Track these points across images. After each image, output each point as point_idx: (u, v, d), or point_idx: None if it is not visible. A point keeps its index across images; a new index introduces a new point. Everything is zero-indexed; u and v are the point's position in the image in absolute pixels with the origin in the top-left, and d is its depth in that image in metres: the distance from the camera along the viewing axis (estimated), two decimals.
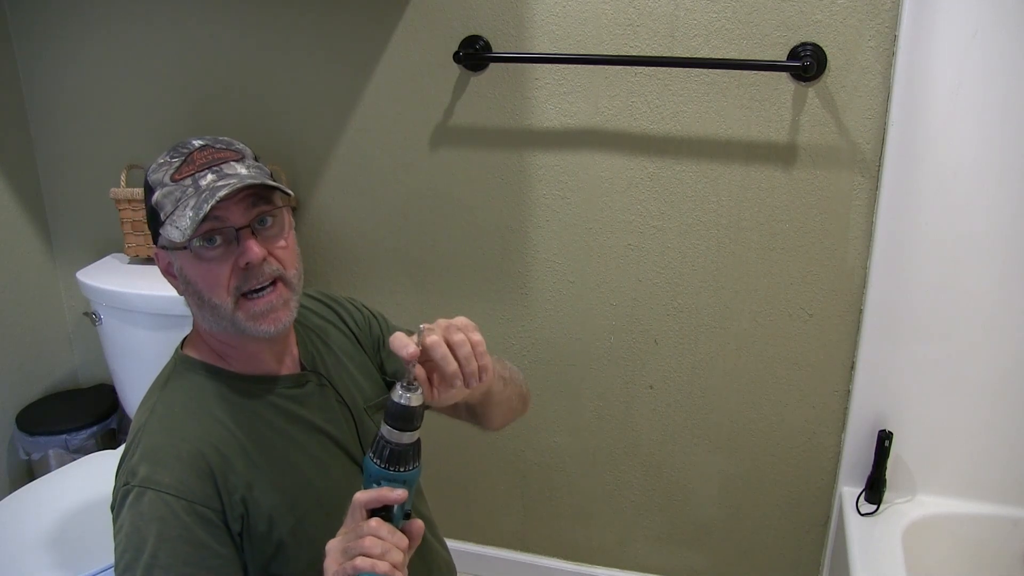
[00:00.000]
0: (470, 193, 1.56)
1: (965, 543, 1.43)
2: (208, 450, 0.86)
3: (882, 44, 1.29)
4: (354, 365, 1.06)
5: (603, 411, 1.64)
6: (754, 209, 1.43)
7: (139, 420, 0.90)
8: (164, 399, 0.91)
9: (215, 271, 0.86)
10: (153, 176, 0.88)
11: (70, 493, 1.50)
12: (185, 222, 0.83)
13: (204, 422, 0.89)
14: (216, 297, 0.87)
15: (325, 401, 0.99)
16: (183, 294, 0.93)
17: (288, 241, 0.92)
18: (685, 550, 1.70)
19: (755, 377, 1.53)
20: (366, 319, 1.13)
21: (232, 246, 0.86)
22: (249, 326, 0.88)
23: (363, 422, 1.02)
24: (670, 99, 1.41)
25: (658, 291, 1.53)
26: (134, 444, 0.87)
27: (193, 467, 0.84)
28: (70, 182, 1.81)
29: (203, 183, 0.85)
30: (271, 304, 0.88)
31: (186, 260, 0.87)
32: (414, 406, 0.75)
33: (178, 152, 0.89)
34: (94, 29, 1.65)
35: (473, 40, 1.45)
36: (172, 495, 0.82)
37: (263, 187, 0.87)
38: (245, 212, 0.86)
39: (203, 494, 0.84)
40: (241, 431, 0.90)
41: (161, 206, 0.86)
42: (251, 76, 1.60)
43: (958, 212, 1.31)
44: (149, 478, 0.83)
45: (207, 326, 0.92)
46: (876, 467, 1.43)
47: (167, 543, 0.80)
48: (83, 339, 1.94)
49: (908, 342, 1.39)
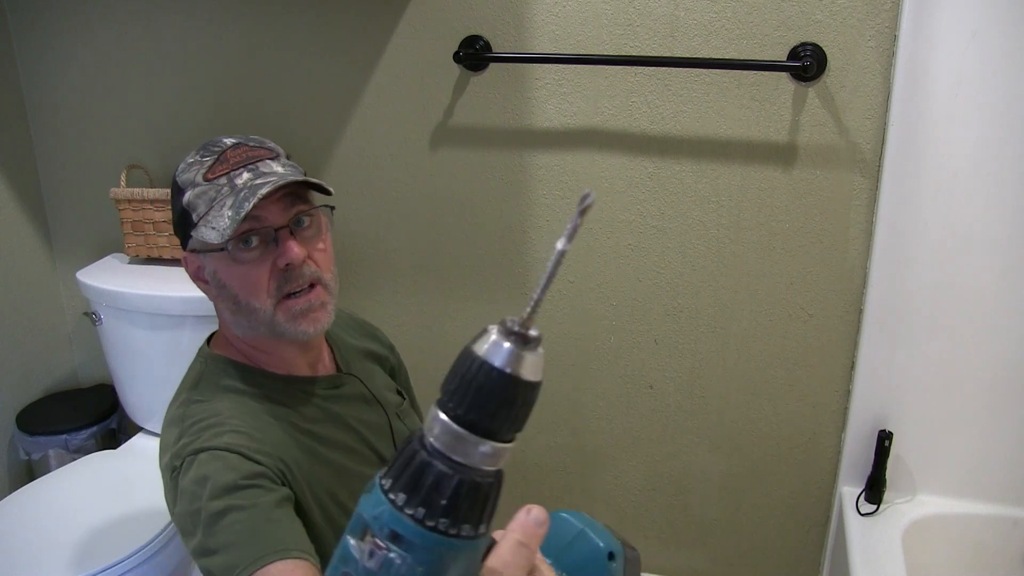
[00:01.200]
0: (470, 193, 1.56)
1: (965, 543, 1.43)
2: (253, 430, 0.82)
3: (882, 44, 1.29)
4: (379, 373, 1.05)
5: (603, 411, 1.64)
6: (754, 209, 1.43)
7: (174, 418, 0.86)
8: (199, 395, 0.87)
9: (253, 273, 0.83)
10: (183, 176, 0.84)
11: (70, 493, 1.50)
12: (223, 222, 0.79)
13: (245, 417, 0.85)
14: (255, 300, 0.83)
15: (361, 402, 0.97)
16: (215, 299, 0.88)
17: (326, 243, 0.88)
18: (685, 550, 1.70)
19: (755, 377, 1.53)
20: (386, 343, 1.13)
21: (270, 247, 0.83)
22: (288, 328, 0.84)
23: (395, 423, 1.01)
24: (670, 99, 1.41)
25: (658, 291, 1.53)
26: (176, 437, 0.83)
27: (243, 435, 0.81)
28: (70, 182, 1.81)
29: (239, 181, 0.82)
30: (310, 304, 0.85)
31: (220, 263, 0.84)
32: (530, 379, 0.38)
33: (209, 151, 0.85)
34: (94, 29, 1.65)
35: (473, 40, 1.45)
36: (224, 450, 0.79)
37: (304, 185, 0.84)
38: (284, 212, 0.83)
39: (253, 452, 0.80)
40: (280, 426, 0.86)
41: (193, 206, 0.82)
42: (251, 76, 1.60)
43: (958, 212, 1.31)
44: (199, 447, 0.79)
45: (241, 332, 0.88)
46: (876, 467, 1.43)
47: (221, 490, 0.76)
48: (83, 339, 1.94)
49: (908, 342, 1.39)
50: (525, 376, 0.37)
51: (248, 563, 0.71)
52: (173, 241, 1.61)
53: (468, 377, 0.37)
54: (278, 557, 0.72)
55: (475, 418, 0.36)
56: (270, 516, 0.76)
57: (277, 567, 0.71)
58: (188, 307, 1.50)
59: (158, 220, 1.61)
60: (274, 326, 0.84)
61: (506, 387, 0.36)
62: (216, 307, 0.90)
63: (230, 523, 0.74)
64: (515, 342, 0.37)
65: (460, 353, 0.38)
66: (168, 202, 1.55)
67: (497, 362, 0.37)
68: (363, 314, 1.73)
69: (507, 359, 0.37)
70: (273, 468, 0.80)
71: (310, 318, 0.85)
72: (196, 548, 0.77)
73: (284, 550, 0.73)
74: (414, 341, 1.69)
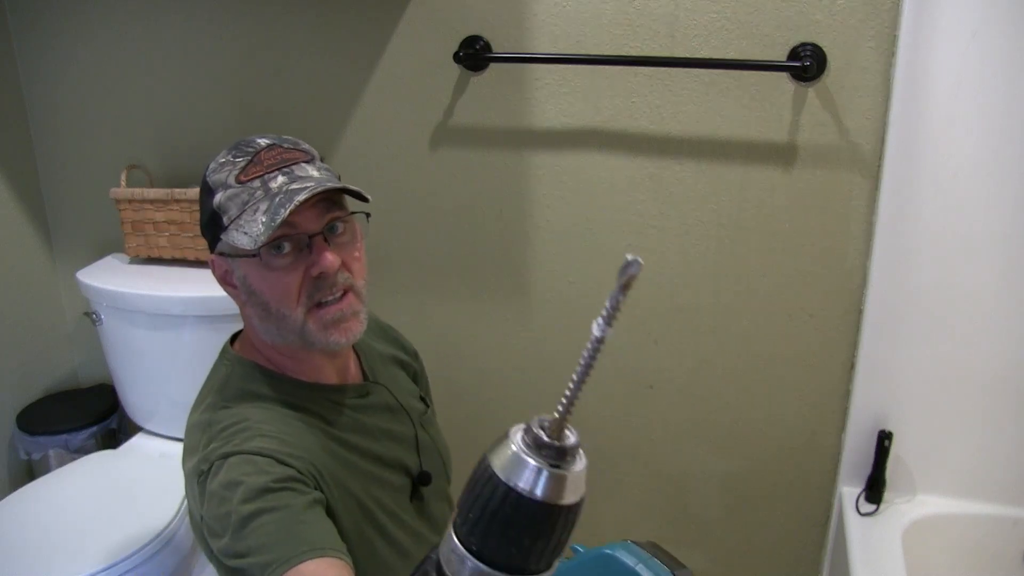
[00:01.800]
0: (470, 193, 1.56)
1: (965, 543, 1.43)
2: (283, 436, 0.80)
3: (882, 44, 1.29)
4: (404, 380, 1.05)
5: (603, 411, 1.64)
6: (754, 209, 1.43)
7: (200, 423, 0.84)
8: (224, 401, 0.84)
9: (285, 280, 0.80)
10: (215, 176, 0.81)
11: (70, 493, 1.50)
12: (257, 228, 0.77)
13: (275, 423, 0.82)
14: (286, 308, 0.81)
15: (387, 411, 0.96)
16: (243, 305, 0.86)
17: (360, 251, 0.86)
18: (685, 550, 1.70)
19: (755, 377, 1.53)
20: (412, 351, 1.12)
21: (303, 253, 0.80)
22: (320, 338, 0.82)
23: (420, 433, 1.00)
24: (670, 99, 1.41)
25: (658, 291, 1.53)
26: (204, 443, 0.81)
27: (273, 440, 0.79)
28: (70, 182, 1.81)
29: (273, 185, 0.79)
30: (342, 312, 0.83)
31: (251, 268, 0.81)
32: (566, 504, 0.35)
33: (242, 151, 0.82)
34: (94, 29, 1.65)
35: (473, 40, 1.45)
36: (254, 453, 0.76)
37: (339, 191, 0.81)
38: (318, 218, 0.81)
39: (284, 456, 0.78)
40: (310, 434, 0.84)
41: (224, 209, 0.80)
42: (251, 76, 1.60)
43: (958, 212, 1.31)
44: (229, 451, 0.77)
45: (269, 339, 0.85)
46: (876, 467, 1.43)
47: (253, 494, 0.74)
48: (83, 339, 1.94)
49: (908, 342, 1.39)
50: (564, 501, 0.29)
51: (282, 562, 0.70)
52: (173, 241, 1.61)
53: (491, 507, 0.29)
54: (312, 556, 0.71)
55: (503, 558, 0.29)
56: (302, 517, 0.74)
57: (310, 566, 0.70)
58: (188, 307, 1.50)
59: (158, 220, 1.61)
60: (304, 335, 0.82)
61: (540, 519, 0.28)
62: (243, 312, 0.88)
63: (261, 524, 0.73)
64: (548, 456, 0.30)
65: (478, 465, 0.29)
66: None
67: (525, 487, 0.29)
68: None
69: (539, 483, 0.29)
70: (304, 471, 0.79)
71: (342, 328, 0.83)
72: (224, 549, 0.75)
73: (318, 548, 0.72)
74: (414, 341, 1.69)
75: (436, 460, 1.03)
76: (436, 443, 1.05)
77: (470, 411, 1.69)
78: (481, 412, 1.70)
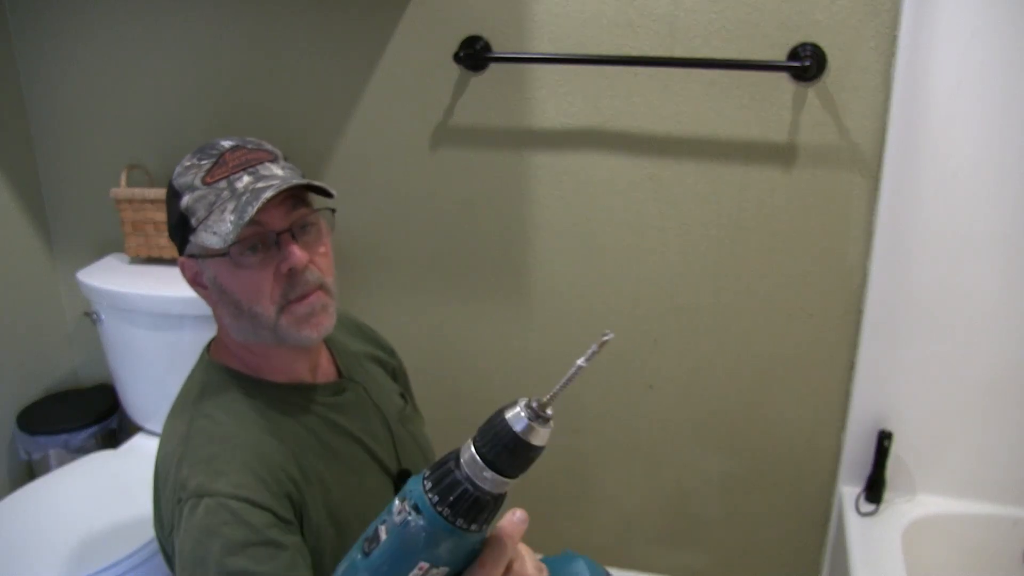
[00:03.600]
0: (470, 193, 1.56)
1: (965, 543, 1.43)
2: (257, 458, 0.81)
3: (882, 44, 1.29)
4: (381, 377, 1.05)
5: (603, 411, 1.64)
6: (754, 209, 1.43)
7: (177, 431, 0.84)
8: (203, 410, 0.85)
9: (256, 279, 0.81)
10: (180, 180, 0.82)
11: (70, 493, 1.50)
12: (225, 227, 0.78)
13: (251, 431, 0.83)
14: (258, 306, 0.82)
15: (363, 409, 0.96)
16: (214, 305, 0.87)
17: (327, 247, 0.87)
18: (685, 550, 1.70)
19: (755, 377, 1.53)
20: (388, 348, 1.13)
21: (272, 251, 0.82)
22: (292, 333, 0.83)
23: (397, 430, 1.00)
24: (670, 99, 1.41)
25: (658, 291, 1.53)
26: (178, 459, 0.81)
27: (247, 472, 0.79)
28: (70, 182, 1.81)
29: (239, 185, 0.80)
30: (312, 308, 0.83)
31: (222, 268, 0.82)
32: (538, 446, 0.53)
33: (207, 153, 0.83)
34: (94, 29, 1.65)
35: (473, 40, 1.45)
36: (231, 498, 0.76)
37: (306, 188, 0.82)
38: (285, 215, 0.82)
39: (261, 495, 0.78)
40: (286, 441, 0.85)
41: (192, 211, 0.81)
42: (251, 76, 1.60)
43: (958, 212, 1.31)
44: (202, 487, 0.77)
45: (241, 337, 0.86)
46: (876, 467, 1.43)
47: (234, 547, 0.74)
48: (83, 339, 1.94)
49: (908, 342, 1.39)
50: (534, 442, 0.52)
51: None
52: None
53: (497, 432, 0.52)
54: None
55: (493, 459, 0.52)
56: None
57: None
58: (188, 307, 1.50)
59: (158, 220, 1.61)
60: (277, 331, 0.83)
61: (519, 446, 0.51)
62: (215, 313, 0.88)
63: None
64: (532, 418, 0.52)
65: (495, 412, 0.53)
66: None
67: (517, 428, 0.51)
68: (363, 315, 1.73)
69: (524, 429, 0.51)
70: (281, 506, 0.79)
71: (313, 323, 0.84)
72: None
73: None
74: (414, 341, 1.69)
75: (416, 456, 1.02)
76: (416, 440, 1.04)
77: (469, 410, 1.69)
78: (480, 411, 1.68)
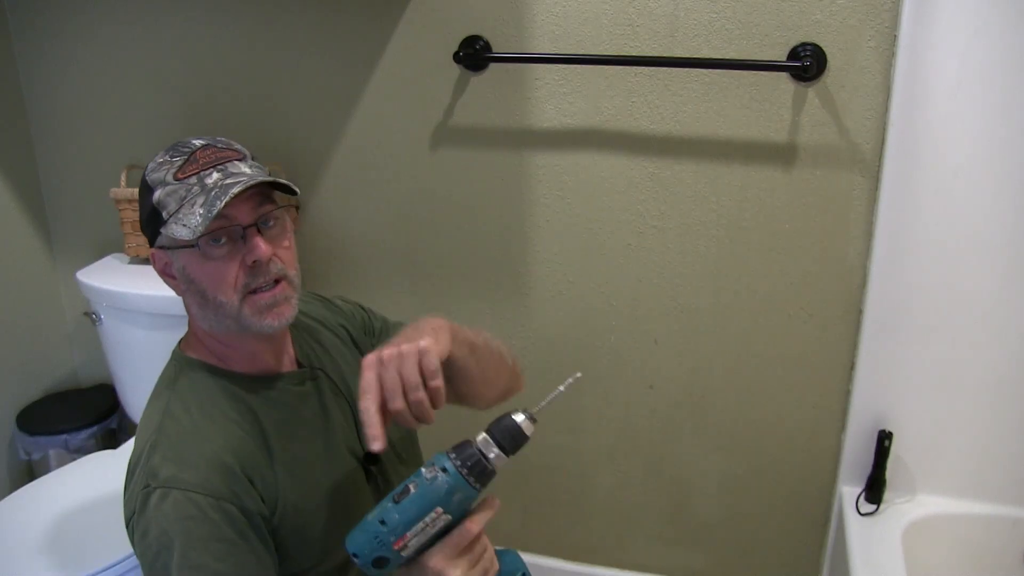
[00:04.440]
0: (470, 193, 1.56)
1: (965, 543, 1.43)
2: (228, 450, 0.85)
3: (882, 44, 1.29)
4: (345, 362, 1.06)
5: (603, 411, 1.64)
6: (754, 209, 1.43)
7: (152, 421, 0.89)
8: (176, 401, 0.90)
9: (222, 269, 0.86)
10: (153, 175, 0.87)
11: (70, 493, 1.50)
12: (195, 219, 0.83)
13: (220, 423, 0.88)
14: (222, 295, 0.87)
15: (323, 397, 0.99)
16: (183, 294, 0.92)
17: (291, 241, 0.92)
18: (685, 550, 1.70)
19: (755, 377, 1.53)
20: (351, 312, 1.14)
21: (238, 244, 0.86)
22: (254, 322, 0.88)
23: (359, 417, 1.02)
24: (670, 99, 1.41)
25: (658, 291, 1.53)
26: (150, 446, 0.86)
27: (217, 466, 0.83)
28: (70, 182, 1.81)
29: (209, 181, 0.85)
30: (275, 299, 0.88)
31: (190, 259, 0.87)
32: (529, 436, 0.78)
33: (179, 151, 0.88)
34: (94, 29, 1.65)
35: (473, 40, 1.45)
36: (199, 493, 0.81)
37: (270, 185, 0.88)
38: (252, 211, 0.87)
39: (229, 491, 0.83)
40: (253, 431, 0.89)
41: (163, 205, 0.86)
42: (251, 76, 1.60)
43: (958, 212, 1.31)
44: (174, 477, 0.82)
45: (207, 326, 0.91)
46: (876, 467, 1.43)
47: (197, 542, 0.79)
48: (83, 339, 1.94)
49: (908, 342, 1.39)
50: (527, 433, 0.78)
51: None
52: None
53: (504, 426, 0.77)
54: None
55: (499, 441, 0.77)
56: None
57: None
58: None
59: None
60: (240, 319, 0.88)
61: (518, 434, 0.77)
62: (184, 302, 0.93)
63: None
64: (529, 419, 0.78)
65: (503, 414, 0.78)
66: None
67: (519, 421, 0.78)
68: None
69: (523, 423, 0.78)
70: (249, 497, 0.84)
71: (275, 312, 0.89)
72: None
73: None
74: None
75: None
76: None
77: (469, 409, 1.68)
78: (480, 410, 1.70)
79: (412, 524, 0.74)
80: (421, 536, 0.75)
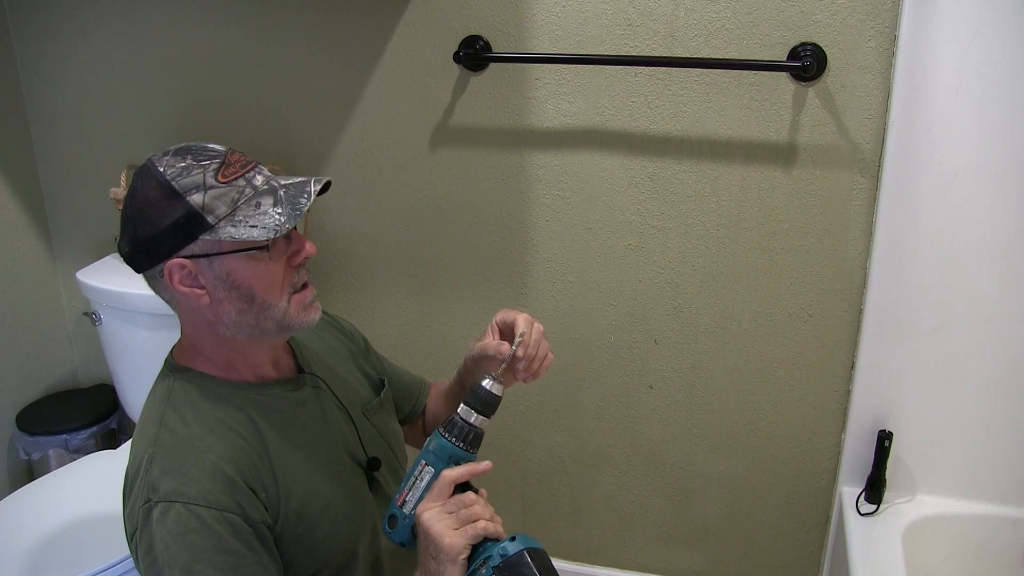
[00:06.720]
0: (470, 193, 1.56)
1: (965, 543, 1.43)
2: (228, 460, 0.83)
3: (882, 44, 1.29)
4: (344, 370, 1.05)
5: (603, 411, 1.64)
6: (754, 209, 1.43)
7: (148, 434, 0.86)
8: (171, 412, 0.87)
9: (273, 270, 0.85)
10: (185, 180, 0.81)
11: (70, 493, 1.50)
12: (270, 219, 0.82)
13: (218, 432, 0.86)
14: (273, 296, 0.86)
15: (323, 404, 0.98)
16: (218, 302, 0.85)
17: None
18: (685, 550, 1.70)
19: (755, 377, 1.53)
20: (348, 331, 1.14)
21: (281, 245, 0.87)
22: (300, 319, 0.89)
23: (360, 423, 1.01)
24: (670, 99, 1.41)
25: (658, 291, 1.53)
26: (148, 459, 0.83)
27: (218, 476, 0.81)
28: (70, 182, 1.81)
29: (258, 182, 0.84)
30: (314, 295, 0.91)
31: (237, 263, 0.83)
32: (500, 396, 0.89)
33: (203, 155, 0.83)
34: (94, 29, 1.65)
35: (473, 40, 1.45)
36: (201, 505, 0.79)
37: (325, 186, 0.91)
38: None
39: (232, 502, 0.81)
40: (253, 440, 0.87)
41: (210, 208, 0.80)
42: (251, 76, 1.60)
43: (958, 212, 1.31)
44: (174, 491, 0.80)
45: (233, 333, 0.87)
46: (876, 467, 1.43)
47: (202, 555, 0.78)
48: (83, 339, 1.94)
49: (908, 342, 1.39)
50: (498, 394, 0.88)
51: None
52: None
53: (477, 393, 0.88)
54: None
55: (475, 406, 0.88)
56: None
57: None
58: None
59: None
60: (286, 318, 0.87)
61: (492, 399, 0.88)
62: (198, 314, 0.88)
63: None
64: (496, 381, 0.88)
65: (476, 384, 0.88)
66: None
67: (493, 390, 0.88)
68: (362, 314, 1.73)
69: (496, 390, 0.88)
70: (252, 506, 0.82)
71: (314, 307, 0.91)
72: None
73: None
74: (414, 341, 1.69)
75: (383, 447, 1.04)
76: (382, 432, 1.05)
77: None
78: None
79: (407, 480, 0.87)
80: (414, 491, 0.86)
